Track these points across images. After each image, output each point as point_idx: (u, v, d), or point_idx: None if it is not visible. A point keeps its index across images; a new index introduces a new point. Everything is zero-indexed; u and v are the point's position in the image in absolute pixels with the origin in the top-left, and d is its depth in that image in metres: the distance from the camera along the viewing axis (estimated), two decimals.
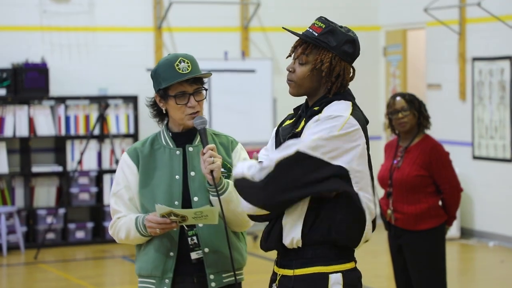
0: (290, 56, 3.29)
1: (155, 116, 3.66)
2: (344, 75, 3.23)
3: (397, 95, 5.64)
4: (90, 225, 10.37)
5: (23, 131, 10.17)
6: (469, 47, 10.41)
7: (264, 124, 10.83)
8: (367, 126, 3.28)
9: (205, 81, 3.62)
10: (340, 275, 3.16)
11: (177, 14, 11.00)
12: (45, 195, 10.40)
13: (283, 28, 3.31)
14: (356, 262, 3.27)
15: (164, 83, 3.52)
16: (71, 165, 10.31)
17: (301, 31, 3.30)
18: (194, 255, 3.52)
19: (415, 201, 5.53)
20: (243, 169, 3.19)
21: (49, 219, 10.14)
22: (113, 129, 10.46)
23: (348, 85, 3.28)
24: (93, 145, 10.40)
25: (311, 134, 3.12)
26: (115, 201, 3.61)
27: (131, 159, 3.61)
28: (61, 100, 10.32)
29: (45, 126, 10.27)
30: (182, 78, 3.50)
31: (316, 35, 3.21)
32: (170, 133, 3.62)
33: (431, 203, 5.54)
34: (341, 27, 3.27)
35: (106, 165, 10.41)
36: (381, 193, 5.81)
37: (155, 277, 3.54)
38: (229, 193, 3.47)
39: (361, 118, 3.24)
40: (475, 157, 10.28)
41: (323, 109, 3.20)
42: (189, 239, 3.52)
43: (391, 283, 7.04)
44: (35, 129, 10.22)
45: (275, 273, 3.28)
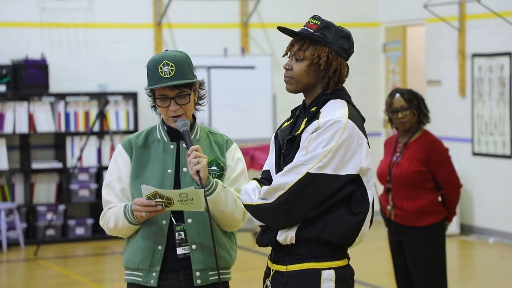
0: (286, 54, 3.32)
1: (154, 107, 3.65)
2: (341, 70, 3.26)
3: (395, 92, 5.61)
4: (90, 221, 10.38)
5: (23, 127, 10.17)
6: (468, 44, 10.42)
7: (263, 120, 10.83)
8: (363, 124, 3.29)
9: (204, 80, 3.62)
10: (332, 271, 3.19)
11: (176, 10, 11.00)
12: (45, 191, 10.40)
13: (278, 28, 3.31)
14: (349, 259, 3.29)
15: (148, 84, 3.55)
16: (71, 162, 10.32)
17: (298, 29, 3.32)
18: (180, 251, 3.51)
19: (414, 197, 5.53)
20: (248, 194, 3.25)
21: (49, 216, 10.14)
22: (113, 126, 10.47)
23: (344, 82, 3.30)
24: (93, 141, 10.40)
25: (315, 147, 3.15)
26: (107, 192, 3.61)
27: (125, 150, 3.61)
28: (61, 96, 10.32)
29: (45, 122, 10.27)
30: (160, 84, 3.50)
31: (312, 31, 3.24)
32: (165, 127, 3.63)
33: (431, 199, 5.54)
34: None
35: (106, 161, 10.41)
36: (380, 189, 5.81)
37: (142, 270, 3.54)
38: (217, 194, 3.47)
39: (358, 117, 3.26)
40: (474, 154, 10.29)
41: (321, 109, 3.22)
42: (177, 234, 3.51)
43: (391, 280, 7.04)
44: (35, 126, 10.23)
45: (268, 268, 3.31)
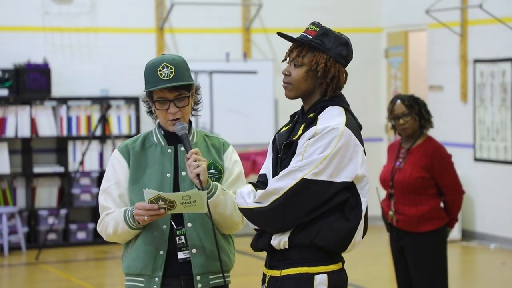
0: (285, 60, 3.33)
1: (149, 112, 3.64)
2: (339, 77, 3.28)
3: (396, 99, 5.61)
4: (91, 226, 10.38)
5: (25, 131, 10.18)
6: (470, 49, 10.42)
7: (265, 125, 10.84)
8: (360, 131, 3.30)
9: (200, 85, 3.61)
10: (325, 276, 3.21)
11: (179, 15, 11.01)
12: (47, 195, 10.41)
13: (278, 33, 3.33)
14: (343, 262, 3.30)
15: (147, 87, 3.53)
16: (72, 166, 10.32)
17: (299, 34, 3.33)
18: (181, 255, 3.51)
19: (416, 202, 5.53)
20: (243, 197, 3.27)
21: (51, 220, 10.15)
22: (114, 130, 10.47)
23: (342, 88, 3.31)
24: (95, 146, 10.41)
25: (311, 153, 3.17)
26: (104, 197, 3.59)
27: (122, 155, 3.59)
28: (63, 100, 10.34)
29: (47, 126, 10.28)
30: (160, 86, 3.49)
31: (310, 37, 3.26)
32: (162, 131, 3.61)
33: (433, 205, 5.54)
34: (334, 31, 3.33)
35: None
36: (383, 194, 5.81)
37: (144, 276, 3.53)
38: (217, 196, 3.47)
39: (355, 125, 3.27)
40: (476, 159, 10.29)
41: (318, 116, 3.24)
42: (177, 238, 3.51)
43: (393, 285, 7.04)
44: (37, 130, 10.24)
45: (264, 274, 3.33)
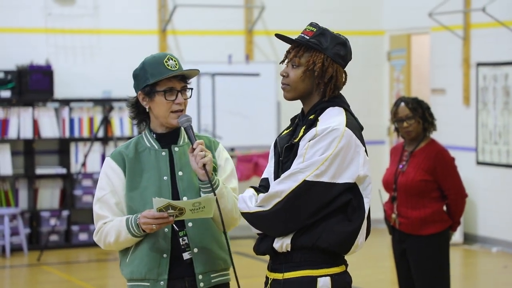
0: (284, 61, 3.33)
1: (135, 117, 3.62)
2: (337, 77, 3.26)
3: (400, 101, 5.61)
4: (93, 227, 10.32)
5: (27, 133, 10.18)
6: (473, 52, 10.41)
7: (267, 127, 10.83)
8: (362, 132, 3.29)
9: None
10: (328, 278, 3.18)
11: (181, 17, 11.01)
12: (49, 197, 10.41)
13: (276, 35, 3.33)
14: (347, 265, 3.28)
15: (152, 79, 3.50)
16: (75, 167, 10.32)
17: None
18: (186, 256, 3.49)
19: (419, 205, 5.53)
20: (245, 202, 3.26)
21: (53, 221, 10.15)
22: (117, 132, 10.48)
23: (341, 89, 3.30)
24: (97, 147, 10.41)
25: (312, 155, 3.15)
26: (99, 206, 3.56)
27: (116, 163, 3.57)
28: (65, 102, 10.34)
29: (49, 128, 10.28)
30: (173, 73, 3.49)
31: (308, 38, 3.26)
32: (154, 135, 3.59)
33: (436, 208, 5.54)
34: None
35: None
36: (385, 197, 5.80)
37: (149, 280, 3.50)
38: (220, 189, 3.47)
39: (356, 125, 3.26)
40: (479, 163, 10.28)
41: (319, 117, 3.23)
42: (180, 239, 3.49)
43: None
44: (39, 131, 10.24)
45: (267, 277, 3.31)
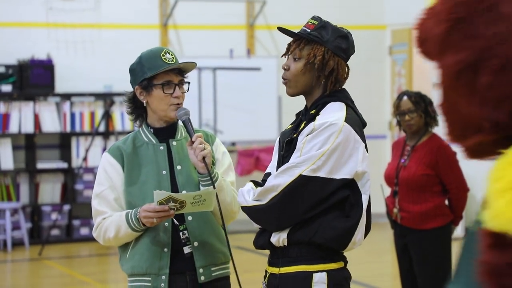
0: (285, 55, 3.31)
1: (132, 112, 3.62)
2: (338, 70, 3.24)
3: (403, 95, 5.61)
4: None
5: (28, 127, 10.18)
6: None
7: (269, 122, 10.83)
8: (364, 128, 3.27)
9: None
10: (324, 274, 3.16)
11: (182, 11, 11.00)
12: (50, 191, 10.41)
13: (278, 28, 3.31)
14: (346, 262, 3.26)
15: (149, 72, 3.50)
16: (76, 162, 10.33)
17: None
18: (187, 250, 3.49)
19: (421, 200, 5.52)
20: (243, 195, 3.25)
21: (54, 216, 10.15)
22: (118, 126, 10.47)
23: (343, 83, 3.28)
24: (98, 142, 10.41)
25: (309, 149, 3.14)
26: (98, 202, 3.54)
27: (115, 158, 3.55)
28: (66, 96, 10.34)
29: (51, 122, 10.28)
30: (171, 66, 3.48)
31: (309, 31, 3.25)
32: (151, 129, 3.59)
33: (437, 202, 5.53)
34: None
35: None
36: (387, 191, 5.80)
37: (151, 275, 3.49)
38: (219, 182, 3.46)
39: (357, 120, 3.23)
40: None
41: (320, 112, 3.21)
42: (181, 233, 3.49)
43: (396, 282, 7.03)
44: (41, 126, 10.24)
45: (266, 271, 3.31)
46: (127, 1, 10.91)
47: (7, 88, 10.10)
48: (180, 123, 3.63)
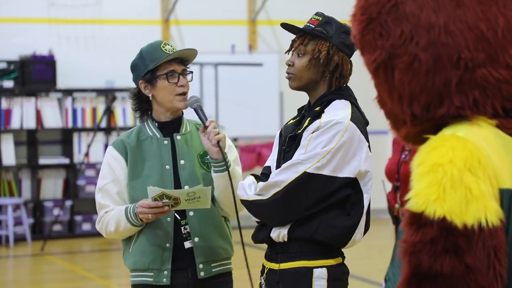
0: (289, 51, 3.32)
1: (137, 108, 3.60)
2: (342, 65, 3.24)
3: None
4: (96, 217, 10.36)
5: (30, 123, 10.19)
6: None
7: (271, 117, 10.83)
8: (366, 126, 3.27)
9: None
10: (324, 269, 3.17)
11: (184, 7, 11.00)
12: (52, 187, 10.42)
13: (281, 24, 3.32)
14: (343, 257, 3.27)
15: (152, 64, 3.49)
16: (78, 157, 10.34)
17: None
18: (188, 245, 3.49)
19: None
20: (244, 189, 3.24)
21: (56, 211, 10.16)
22: (120, 122, 10.48)
23: (348, 79, 3.28)
24: (100, 137, 10.41)
25: (314, 147, 3.14)
26: (101, 196, 3.56)
27: (118, 152, 3.55)
28: (68, 92, 10.34)
29: (52, 118, 10.29)
30: (172, 55, 3.48)
31: (313, 27, 3.25)
32: (156, 123, 3.58)
33: None
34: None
35: None
36: (389, 187, 5.80)
37: (153, 270, 3.49)
38: (232, 168, 3.46)
39: (361, 119, 3.23)
40: None
41: (324, 109, 3.21)
42: (182, 228, 3.49)
43: None
44: (42, 121, 10.25)
45: (264, 266, 3.30)
46: None
47: (9, 84, 10.11)
48: (185, 117, 3.63)
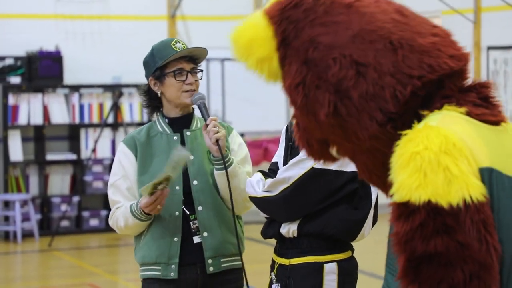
0: None
1: (148, 105, 3.62)
2: None
3: None
4: (104, 213, 10.41)
5: (37, 119, 10.21)
6: (484, 36, 10.37)
7: (278, 113, 10.82)
8: None
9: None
10: (335, 264, 3.19)
11: (190, 2, 11.00)
12: (59, 183, 10.44)
13: None
14: (353, 251, 3.28)
15: (161, 61, 3.51)
16: (85, 153, 10.35)
17: None
18: (197, 239, 3.50)
19: None
20: (252, 186, 3.25)
21: (63, 207, 10.18)
22: (126, 118, 10.49)
23: None
24: (107, 133, 10.43)
25: None
26: (112, 192, 3.58)
27: (128, 147, 3.57)
28: (75, 88, 10.36)
29: (59, 114, 10.30)
30: (180, 53, 3.50)
31: None
32: (166, 119, 3.59)
33: None
34: None
35: None
36: None
37: (161, 264, 3.51)
38: (234, 167, 3.46)
39: None
40: None
41: None
42: (191, 223, 3.50)
43: None
44: (49, 117, 10.26)
45: (273, 261, 3.31)
46: None
47: (16, 80, 10.12)
48: (196, 113, 3.64)
